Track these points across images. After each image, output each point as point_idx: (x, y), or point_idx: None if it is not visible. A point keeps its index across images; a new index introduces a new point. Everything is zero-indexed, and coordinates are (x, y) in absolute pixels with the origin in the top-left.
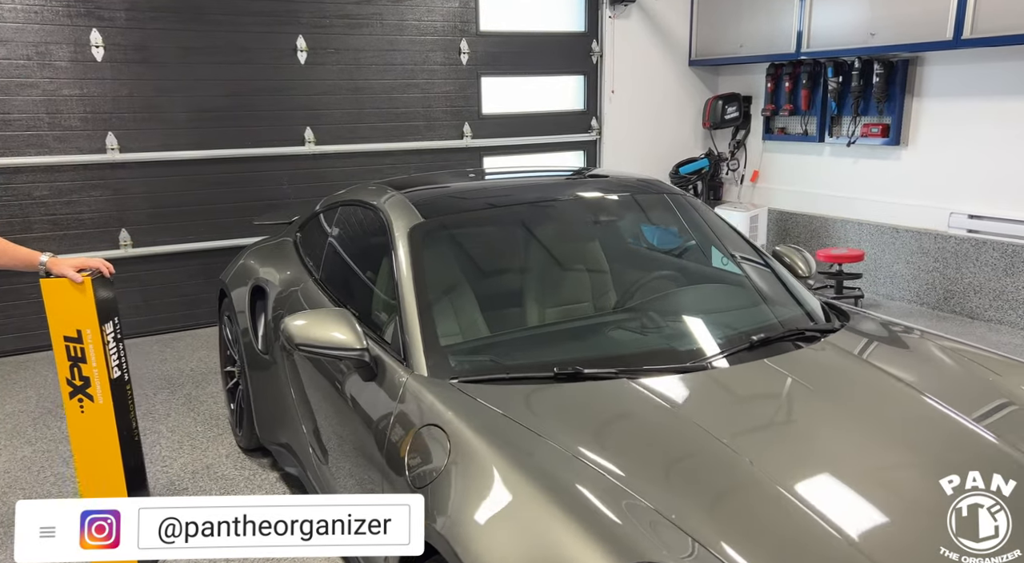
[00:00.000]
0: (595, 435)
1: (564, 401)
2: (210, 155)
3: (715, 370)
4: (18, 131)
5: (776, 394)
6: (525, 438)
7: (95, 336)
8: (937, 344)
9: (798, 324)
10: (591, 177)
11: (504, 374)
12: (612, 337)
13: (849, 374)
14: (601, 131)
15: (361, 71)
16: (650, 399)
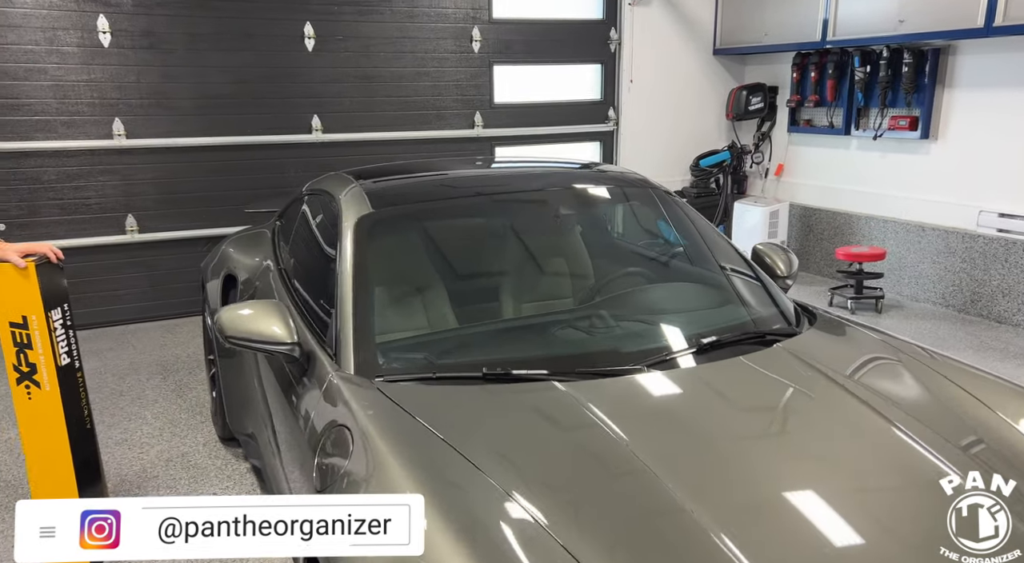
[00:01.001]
0: (507, 444)
1: (485, 405)
2: (216, 142)
3: (651, 374)
4: (26, 116)
5: (705, 403)
6: (430, 445)
7: (40, 322)
8: (911, 355)
9: (759, 327)
10: (580, 170)
11: (431, 374)
12: (556, 337)
13: (792, 382)
14: (618, 122)
15: (370, 59)
16: (573, 405)
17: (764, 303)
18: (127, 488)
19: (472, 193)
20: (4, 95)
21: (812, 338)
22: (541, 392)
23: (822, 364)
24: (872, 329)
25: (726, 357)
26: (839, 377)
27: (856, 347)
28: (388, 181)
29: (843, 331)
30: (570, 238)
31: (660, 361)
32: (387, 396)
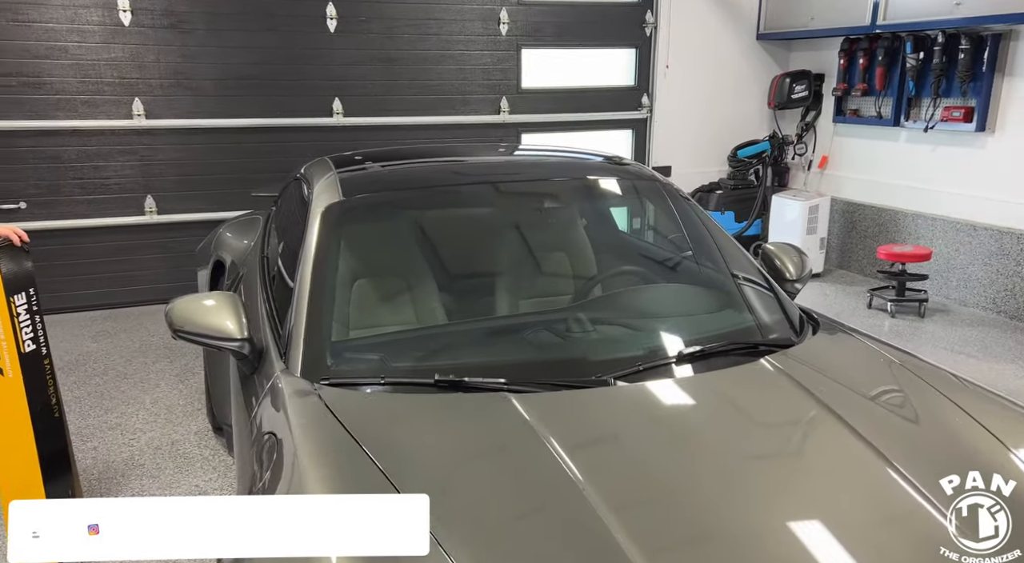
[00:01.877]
0: (436, 465)
1: (428, 417)
2: (236, 124)
3: (618, 387)
4: (47, 94)
5: (669, 424)
6: (354, 463)
7: (1, 307)
8: (917, 373)
9: (752, 336)
10: (581, 161)
11: (380, 379)
12: (524, 342)
13: (772, 400)
14: (652, 109)
15: (393, 41)
16: (520, 423)
17: (764, 309)
18: (111, 476)
19: (454, 182)
20: (26, 73)
21: (808, 350)
22: (491, 405)
23: (811, 381)
24: (878, 342)
25: (708, 369)
26: (827, 396)
27: (854, 362)
28: (368, 167)
29: (844, 343)
30: (557, 233)
31: (633, 372)
32: (325, 403)
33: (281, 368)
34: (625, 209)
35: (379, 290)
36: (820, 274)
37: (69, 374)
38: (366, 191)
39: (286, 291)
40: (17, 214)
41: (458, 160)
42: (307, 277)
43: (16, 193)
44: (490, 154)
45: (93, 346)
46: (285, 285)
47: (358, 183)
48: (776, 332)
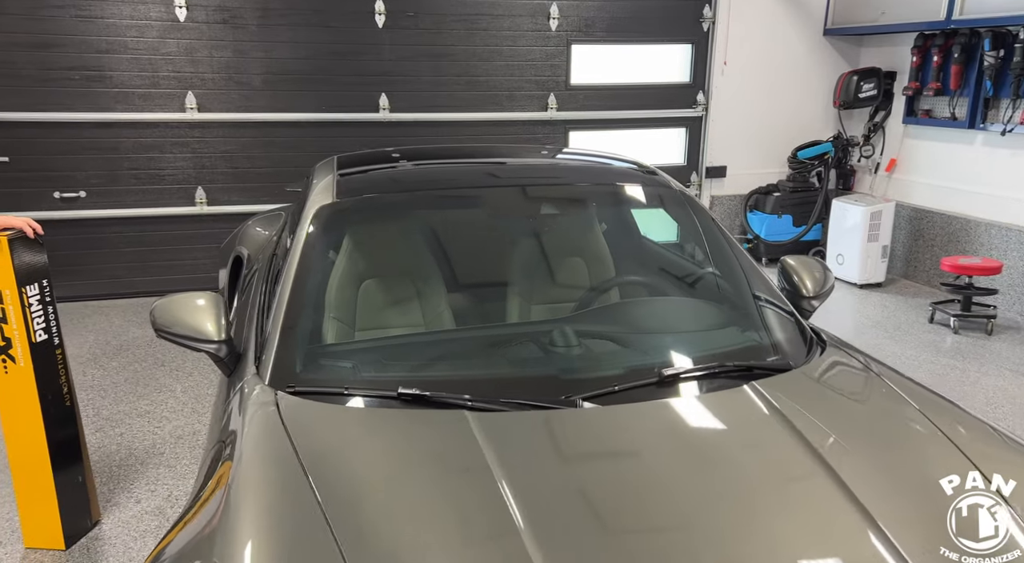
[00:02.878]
0: (376, 489)
1: (381, 433)
2: (284, 118)
3: (581, 410)
4: (108, 87)
5: (628, 453)
6: (289, 482)
7: (13, 297)
8: (922, 411)
9: (745, 358)
10: (591, 165)
11: (343, 389)
12: (500, 356)
13: (746, 433)
14: (708, 107)
15: (441, 36)
16: (469, 444)
17: (769, 329)
18: (131, 463)
19: (451, 186)
20: (88, 67)
21: (803, 377)
22: (445, 425)
23: (795, 411)
24: (888, 370)
25: (690, 393)
26: (808, 429)
27: (851, 392)
28: (369, 168)
29: (847, 370)
30: (553, 242)
31: (606, 394)
32: (280, 414)
33: (252, 373)
34: (634, 217)
35: (363, 296)
36: (881, 284)
37: (112, 359)
38: (359, 193)
39: (272, 293)
40: (77, 202)
41: (467, 163)
42: (289, 280)
43: (77, 182)
44: (509, 157)
45: (138, 332)
46: (273, 287)
47: (354, 185)
48: (775, 354)
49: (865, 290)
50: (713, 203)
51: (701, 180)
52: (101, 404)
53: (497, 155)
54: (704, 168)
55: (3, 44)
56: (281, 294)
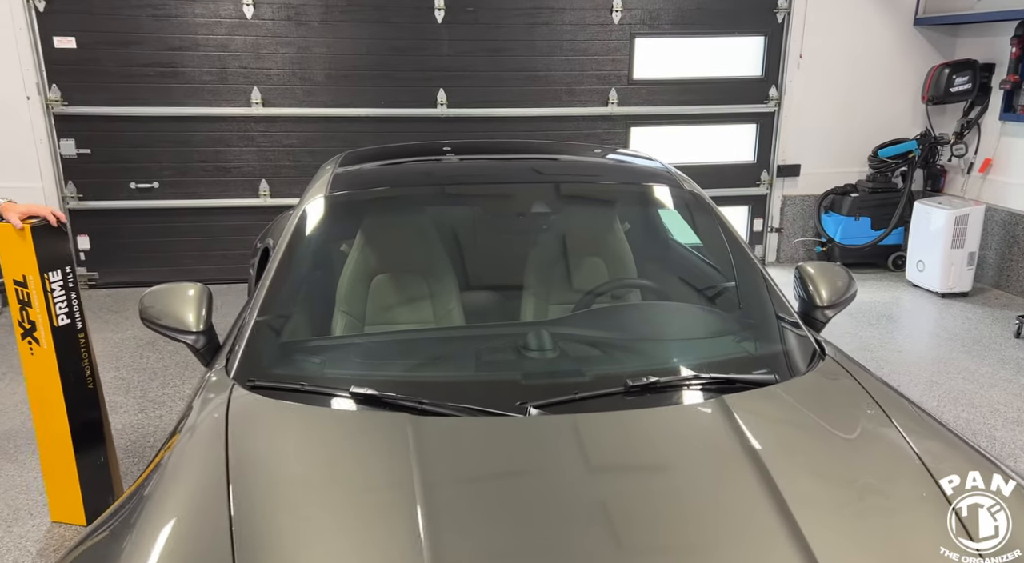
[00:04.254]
0: (295, 494)
1: (319, 435)
2: (345, 113)
3: (528, 419)
4: (180, 83)
5: (563, 469)
6: (209, 486)
7: (36, 283)
8: (908, 440)
9: (725, 370)
10: (594, 162)
11: (300, 385)
12: (465, 359)
13: (697, 451)
14: (781, 102)
15: (501, 30)
16: (399, 450)
17: (763, 339)
18: (154, 446)
19: (445, 183)
20: (162, 63)
21: (782, 394)
22: (383, 429)
23: (759, 432)
24: (884, 387)
25: (656, 404)
26: (768, 453)
27: (830, 414)
28: (371, 163)
29: (834, 388)
30: (545, 241)
31: (561, 402)
32: (228, 410)
33: (222, 365)
34: (628, 216)
35: (349, 291)
36: (967, 294)
37: (168, 343)
38: (352, 189)
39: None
40: (151, 192)
41: (472, 159)
42: (270, 273)
43: (152, 174)
44: (525, 152)
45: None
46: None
47: (349, 180)
48: (763, 367)
49: (947, 300)
50: (785, 203)
51: (772, 179)
52: (149, 386)
53: (526, 152)
54: (775, 166)
55: (89, 43)
56: (260, 287)
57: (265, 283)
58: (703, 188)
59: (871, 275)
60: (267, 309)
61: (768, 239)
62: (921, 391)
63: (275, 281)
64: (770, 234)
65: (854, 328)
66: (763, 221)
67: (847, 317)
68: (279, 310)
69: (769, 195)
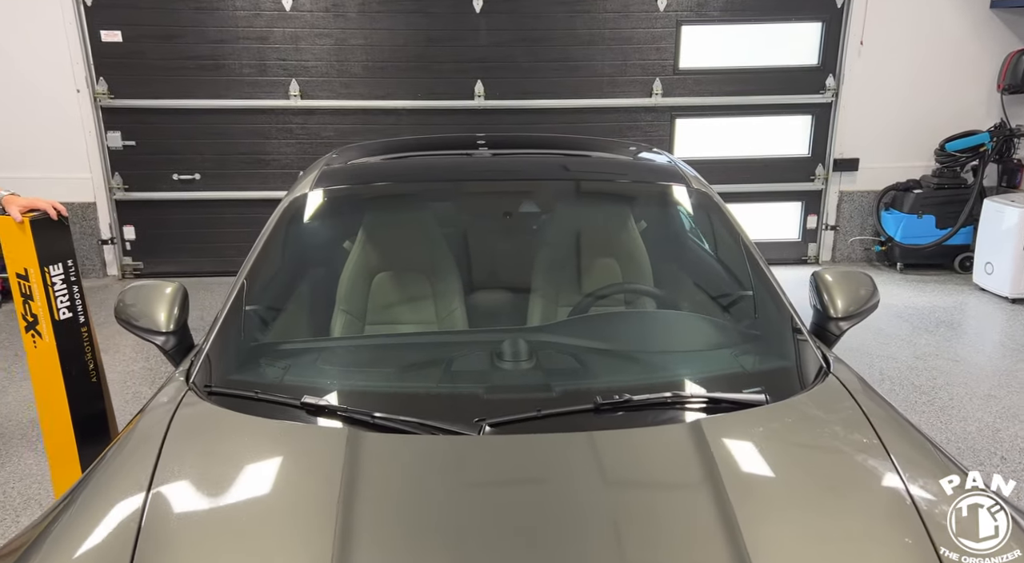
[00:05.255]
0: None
1: (252, 452)
2: (382, 105)
3: (478, 439)
4: (220, 76)
5: (499, 499)
6: (124, 500)
7: (36, 276)
8: (900, 474)
9: (712, 388)
10: (596, 159)
11: (254, 393)
12: (435, 368)
13: (660, 479)
14: (839, 92)
15: (541, 20)
16: (331, 470)
17: (762, 354)
18: None
19: (437, 178)
20: (205, 56)
21: (767, 417)
22: (322, 444)
23: (728, 461)
24: (888, 412)
25: (626, 424)
26: (734, 484)
27: (816, 442)
28: (362, 159)
29: (827, 412)
30: (533, 241)
31: (519, 420)
32: (172, 416)
33: (185, 367)
34: (629, 215)
35: (317, 293)
36: None
37: None
38: (335, 185)
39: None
40: (193, 184)
41: (465, 155)
42: (243, 273)
43: (194, 166)
44: (525, 148)
45: None
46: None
47: (334, 176)
48: (756, 386)
49: (1018, 306)
50: (841, 200)
51: (828, 174)
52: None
53: (526, 147)
54: (832, 160)
55: (134, 36)
56: (232, 288)
57: (236, 283)
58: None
59: (934, 277)
60: (234, 312)
61: (823, 237)
62: (976, 406)
63: (247, 281)
64: (825, 232)
65: (909, 334)
66: (817, 218)
67: (902, 322)
68: (247, 313)
69: (824, 191)
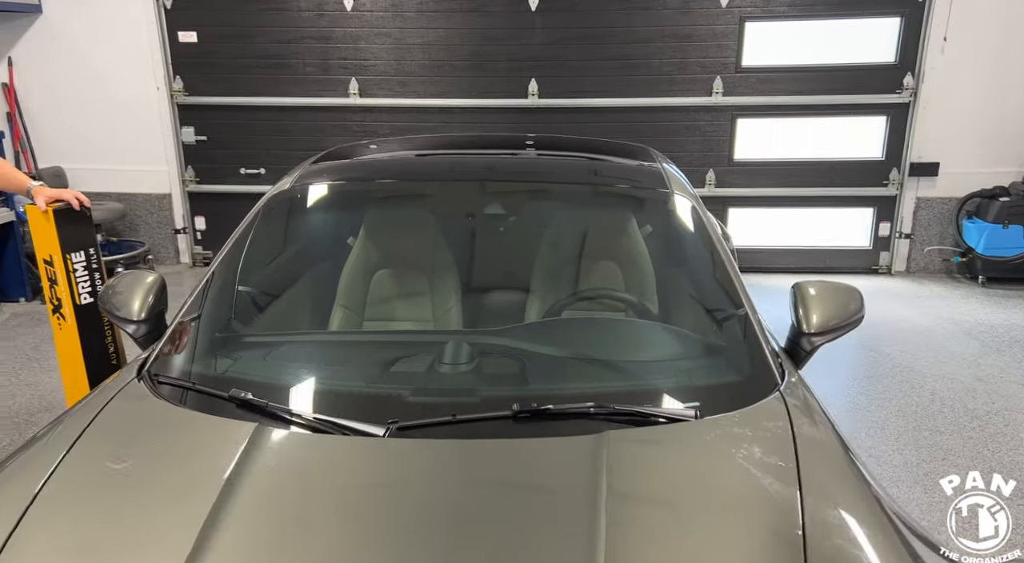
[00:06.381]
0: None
1: (165, 437)
2: (436, 104)
3: (380, 441)
4: (287, 74)
5: (387, 499)
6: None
7: (59, 262)
8: (798, 497)
9: (641, 400)
10: (576, 161)
11: (191, 384)
12: (369, 368)
13: (547, 486)
14: (917, 92)
15: (598, 17)
16: (222, 462)
17: (710, 365)
18: None
19: (416, 178)
20: (271, 55)
21: (684, 434)
22: (223, 440)
23: (624, 478)
24: (829, 440)
25: (536, 434)
26: (620, 503)
27: (728, 463)
28: (344, 160)
29: (755, 432)
30: (498, 243)
31: (429, 424)
32: (108, 402)
33: (144, 355)
34: (597, 219)
35: (279, 288)
36: None
37: None
38: (311, 182)
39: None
40: (258, 178)
41: (441, 155)
42: (213, 266)
43: (259, 160)
44: (502, 148)
45: None
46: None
47: (315, 174)
48: (693, 399)
49: None
50: (918, 206)
51: (903, 179)
52: None
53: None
54: (908, 164)
55: (208, 36)
56: (202, 280)
57: (207, 276)
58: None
59: (1019, 293)
60: (197, 303)
61: (897, 246)
62: None
63: (214, 274)
64: (899, 241)
65: (976, 354)
66: (891, 226)
67: (971, 340)
68: (215, 305)
69: (899, 196)
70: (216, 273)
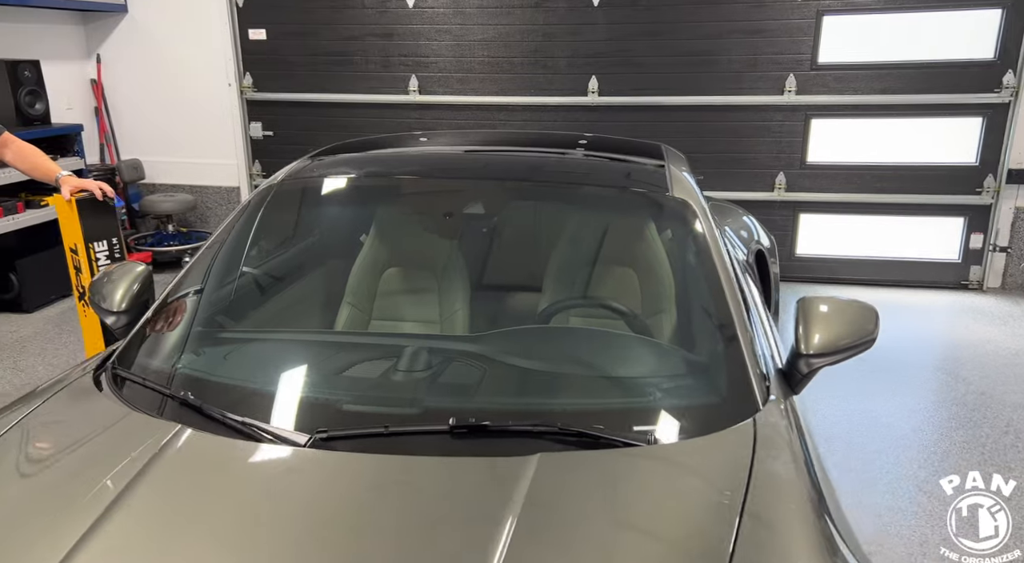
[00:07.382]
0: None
1: (96, 433)
2: (496, 101)
3: (301, 451)
4: (350, 71)
5: (291, 514)
6: None
7: (82, 251)
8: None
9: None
10: (576, 159)
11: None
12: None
13: (452, 515)
14: (1019, 91)
15: (662, 12)
16: (134, 461)
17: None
18: None
19: (401, 173)
20: (336, 52)
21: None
22: (144, 439)
23: (545, 504)
24: (794, 475)
25: (469, 452)
26: (535, 530)
27: (667, 498)
28: (338, 155)
29: (710, 464)
30: (477, 246)
31: (355, 436)
32: (57, 391)
33: (111, 350)
34: (587, 220)
35: (254, 285)
36: None
37: None
38: (301, 177)
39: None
40: None
41: (431, 152)
42: (187, 264)
43: None
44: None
45: None
46: None
47: (310, 168)
48: (651, 423)
49: None
50: (1017, 217)
51: (1000, 186)
52: None
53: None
54: (1006, 171)
55: (277, 34)
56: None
57: (176, 278)
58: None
59: None
60: (172, 294)
61: (991, 260)
62: None
63: (210, 267)
64: (994, 254)
65: None
66: (984, 237)
67: None
68: (190, 299)
69: (995, 206)
70: (191, 269)
